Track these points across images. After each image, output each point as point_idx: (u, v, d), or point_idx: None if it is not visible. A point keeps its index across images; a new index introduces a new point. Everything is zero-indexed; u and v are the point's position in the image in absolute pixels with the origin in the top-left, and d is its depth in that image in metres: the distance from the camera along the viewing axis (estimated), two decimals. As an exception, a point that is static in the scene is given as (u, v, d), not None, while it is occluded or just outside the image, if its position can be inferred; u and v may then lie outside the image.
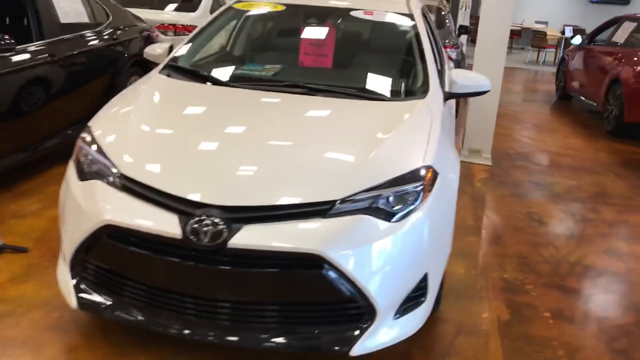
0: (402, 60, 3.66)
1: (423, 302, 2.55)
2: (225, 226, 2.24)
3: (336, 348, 2.34)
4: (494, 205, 4.85)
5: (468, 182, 5.36)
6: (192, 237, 2.24)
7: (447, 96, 3.42)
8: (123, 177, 2.46)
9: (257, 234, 2.26)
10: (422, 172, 2.55)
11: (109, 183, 2.48)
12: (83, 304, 2.49)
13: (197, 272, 2.30)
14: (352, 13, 3.82)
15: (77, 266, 2.52)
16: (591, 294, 3.51)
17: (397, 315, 2.46)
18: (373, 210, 2.39)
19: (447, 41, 7.06)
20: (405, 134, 2.78)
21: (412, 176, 2.52)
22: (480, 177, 5.55)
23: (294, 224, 2.29)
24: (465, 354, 2.81)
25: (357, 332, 2.36)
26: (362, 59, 3.72)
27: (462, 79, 3.42)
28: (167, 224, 2.29)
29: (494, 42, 5.84)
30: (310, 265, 2.27)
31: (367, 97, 3.11)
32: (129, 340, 2.70)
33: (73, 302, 2.51)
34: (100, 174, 2.53)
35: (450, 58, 6.85)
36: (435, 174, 2.60)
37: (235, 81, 3.28)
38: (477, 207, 4.75)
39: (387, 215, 2.40)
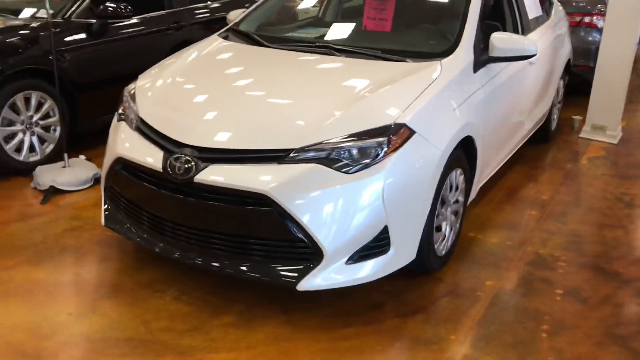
0: (444, 22, 3.63)
1: (386, 251, 2.67)
2: (193, 164, 2.61)
3: (284, 280, 2.59)
4: (586, 183, 4.53)
5: (573, 158, 5.03)
6: (169, 170, 2.64)
7: (485, 60, 3.35)
8: (139, 119, 2.94)
9: (219, 173, 2.59)
10: (392, 128, 2.64)
11: (130, 124, 2.99)
12: (107, 223, 3.05)
13: (173, 202, 2.70)
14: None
15: (107, 192, 3.09)
16: (631, 280, 3.23)
17: (350, 261, 2.61)
18: (329, 160, 2.57)
19: (592, 8, 6.51)
20: (394, 92, 2.86)
21: (378, 131, 2.64)
22: (592, 155, 5.15)
23: (252, 167, 2.58)
24: (440, 313, 2.85)
25: (304, 270, 2.58)
26: (410, 22, 3.76)
27: (502, 42, 3.32)
28: (154, 159, 2.72)
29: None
30: (260, 203, 2.54)
31: (388, 59, 3.20)
32: (157, 260, 3.21)
33: (102, 220, 3.08)
34: (128, 117, 3.05)
35: (594, 26, 6.35)
36: (410, 133, 2.68)
37: (279, 42, 3.57)
38: (565, 184, 4.49)
39: (343, 167, 2.56)
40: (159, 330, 2.67)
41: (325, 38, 3.61)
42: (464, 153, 3.13)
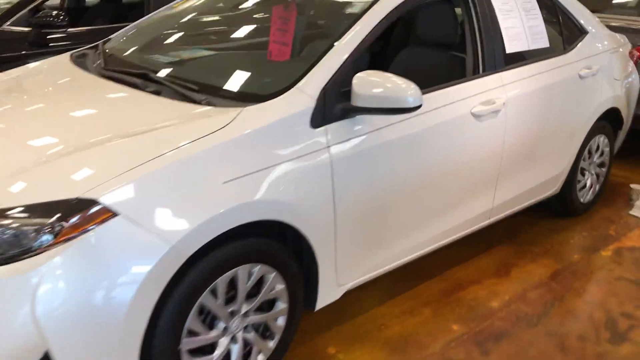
0: (307, 53, 2.62)
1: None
2: None
3: None
4: (582, 288, 3.17)
5: (594, 245, 3.64)
6: None
7: (344, 110, 2.32)
8: None
9: None
10: (72, 205, 1.78)
11: None
12: None
13: None
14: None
15: None
16: None
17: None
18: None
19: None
20: (123, 148, 1.98)
21: (47, 208, 1.79)
22: (627, 245, 3.69)
23: None
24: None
25: None
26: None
27: (364, 87, 2.26)
28: None
29: None
30: None
31: (190, 98, 2.29)
32: None
33: None
34: None
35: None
36: (108, 215, 1.79)
37: (115, 66, 2.80)
38: (548, 284, 3.18)
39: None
40: None
41: (168, 64, 2.78)
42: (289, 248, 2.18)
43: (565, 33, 3.58)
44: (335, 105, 2.31)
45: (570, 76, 3.47)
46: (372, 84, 2.27)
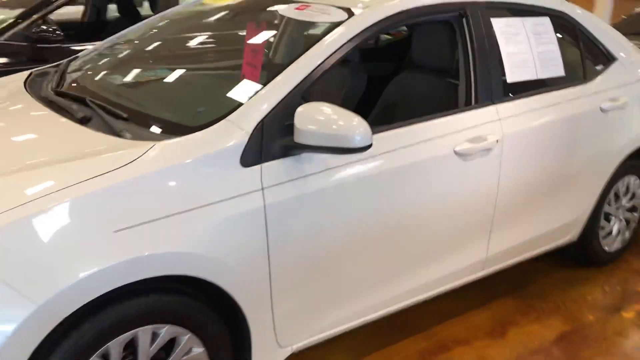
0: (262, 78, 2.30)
1: None
2: None
3: None
4: (588, 357, 2.72)
5: (614, 304, 3.16)
6: None
7: (286, 147, 2.00)
8: None
9: None
10: None
11: None
12: None
13: None
14: (279, 8, 2.58)
15: None
16: None
17: None
18: None
19: None
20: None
21: None
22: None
23: None
24: None
25: None
26: (227, 70, 2.51)
27: (305, 122, 1.94)
28: None
29: None
30: None
31: (110, 129, 2.03)
32: None
33: None
34: None
35: None
36: None
37: (62, 86, 2.57)
38: (548, 351, 2.74)
39: None
40: None
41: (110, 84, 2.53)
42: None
43: (587, 60, 3.14)
44: (275, 140, 2.00)
45: (589, 109, 3.03)
46: (314, 119, 1.95)
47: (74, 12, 6.22)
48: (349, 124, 1.93)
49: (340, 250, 2.19)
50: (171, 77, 2.44)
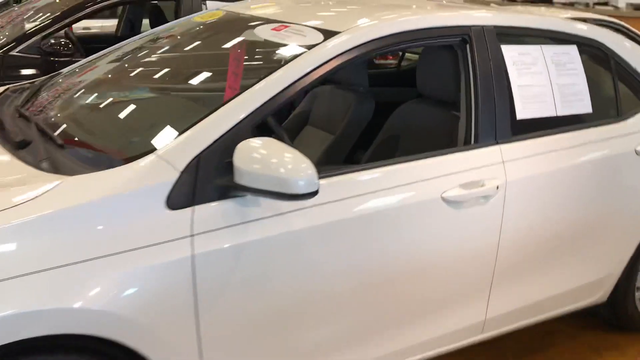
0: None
1: None
2: None
3: None
4: None
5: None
6: None
7: (224, 189, 1.73)
8: None
9: None
10: None
11: None
12: None
13: None
14: (257, 30, 2.31)
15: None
16: None
17: None
18: None
19: None
20: None
21: None
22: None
23: None
24: None
25: None
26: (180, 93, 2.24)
27: (246, 162, 1.66)
28: None
29: None
30: None
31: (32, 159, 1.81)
32: None
33: None
34: None
35: None
36: None
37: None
38: None
39: None
40: None
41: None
42: None
43: (622, 95, 2.72)
44: (214, 180, 1.73)
45: (623, 151, 2.60)
46: (253, 158, 1.67)
47: (111, 25, 6.25)
48: (291, 166, 1.64)
49: (293, 311, 1.89)
50: (115, 103, 2.22)
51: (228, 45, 2.38)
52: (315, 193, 1.66)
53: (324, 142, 2.96)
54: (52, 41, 4.06)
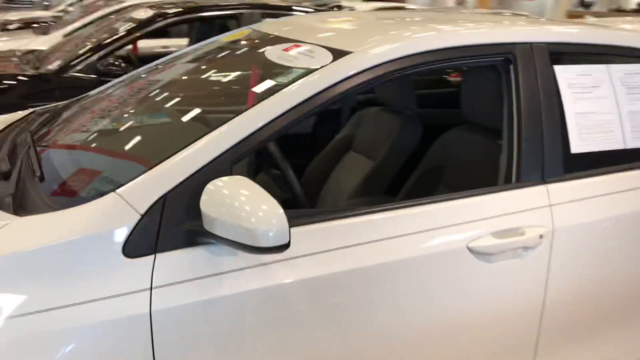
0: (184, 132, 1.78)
1: None
2: None
3: None
4: None
5: None
6: None
7: (192, 235, 1.49)
8: None
9: None
10: None
11: None
12: None
13: None
14: (267, 51, 2.07)
15: None
16: None
17: None
18: None
19: None
20: None
21: None
22: None
23: None
24: None
25: None
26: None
27: (212, 208, 1.42)
28: None
29: None
30: None
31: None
32: None
33: None
34: None
35: None
36: None
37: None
38: None
39: None
40: None
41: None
42: None
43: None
44: (182, 223, 1.50)
45: None
46: (219, 202, 1.42)
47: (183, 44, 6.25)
48: (258, 214, 1.37)
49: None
50: (100, 134, 2.04)
51: (224, 70, 2.16)
52: (285, 247, 1.39)
53: (364, 169, 2.67)
54: (110, 61, 4.05)
